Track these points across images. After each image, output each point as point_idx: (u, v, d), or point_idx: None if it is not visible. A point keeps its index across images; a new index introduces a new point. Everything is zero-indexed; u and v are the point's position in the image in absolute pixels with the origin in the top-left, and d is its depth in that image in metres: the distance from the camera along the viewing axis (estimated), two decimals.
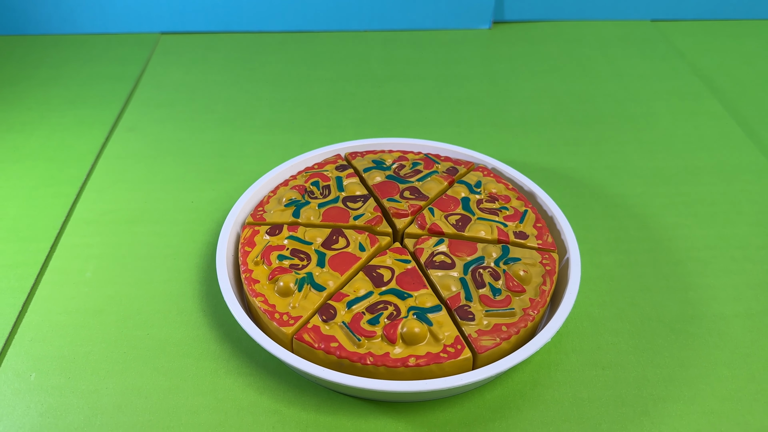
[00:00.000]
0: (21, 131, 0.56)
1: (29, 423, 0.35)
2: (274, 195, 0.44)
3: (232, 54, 0.68)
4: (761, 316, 0.40)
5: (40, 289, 0.42)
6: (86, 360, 0.38)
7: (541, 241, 0.41)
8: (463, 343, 0.34)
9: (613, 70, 0.66)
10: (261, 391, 0.36)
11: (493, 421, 0.34)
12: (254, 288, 0.37)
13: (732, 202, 0.49)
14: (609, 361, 0.37)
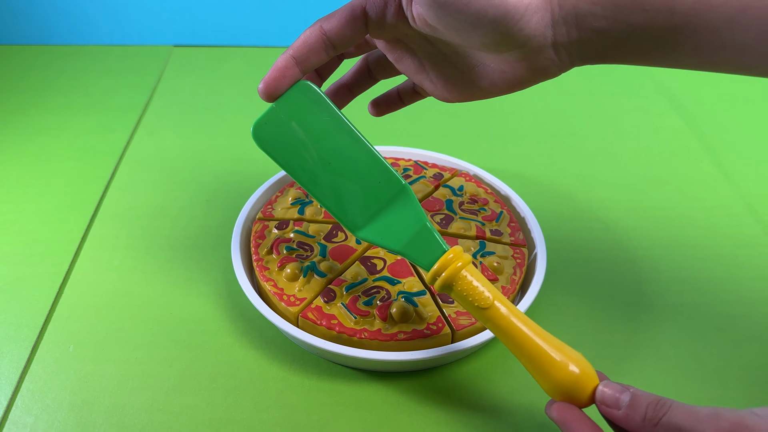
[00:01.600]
0: (48, 134, 0.62)
1: (69, 386, 0.40)
2: (282, 194, 0.50)
3: (241, 67, 0.74)
4: (705, 306, 0.46)
5: (74, 275, 0.48)
6: (117, 334, 0.43)
7: (514, 237, 0.47)
8: (443, 322, 0.40)
9: (587, 88, 0.72)
10: (270, 362, 0.42)
11: (469, 388, 0.40)
12: (265, 274, 0.43)
13: (685, 208, 0.55)
14: (570, 340, 0.43)
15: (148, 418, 0.38)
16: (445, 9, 0.30)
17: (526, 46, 0.32)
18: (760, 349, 0.43)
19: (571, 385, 0.31)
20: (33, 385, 0.40)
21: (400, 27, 0.34)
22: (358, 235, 0.37)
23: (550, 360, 0.32)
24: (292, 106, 0.35)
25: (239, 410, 0.39)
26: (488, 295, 0.33)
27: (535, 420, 0.39)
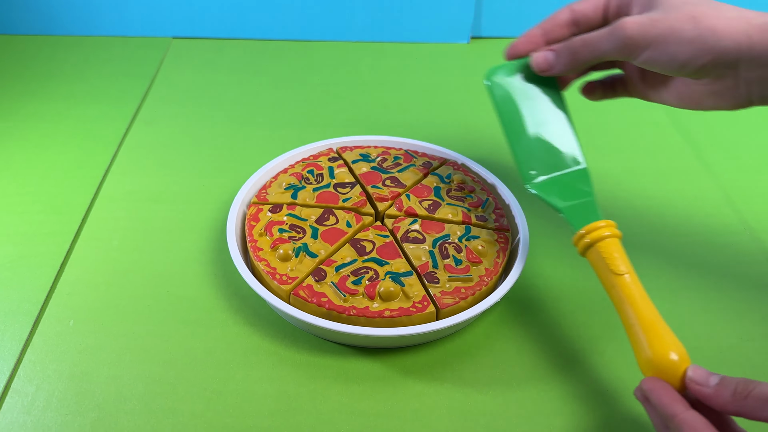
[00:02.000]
0: (51, 121, 0.64)
1: (70, 358, 0.42)
2: (276, 180, 0.52)
3: (238, 58, 0.76)
4: (680, 290, 0.48)
5: (74, 254, 0.49)
6: (116, 310, 0.45)
7: (498, 223, 0.49)
8: (429, 301, 0.42)
9: (575, 83, 0.74)
10: (263, 337, 0.44)
11: (452, 364, 0.42)
12: (259, 254, 0.45)
13: (666, 197, 0.57)
14: (550, 321, 0.45)
15: (144, 388, 0.40)
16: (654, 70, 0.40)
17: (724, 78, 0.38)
18: (733, 332, 0.45)
19: (668, 363, 0.34)
20: (35, 357, 0.42)
21: None
22: (528, 185, 0.43)
23: (658, 336, 0.35)
24: (523, 69, 0.45)
25: (233, 382, 0.41)
26: (623, 267, 0.38)
27: (514, 393, 0.41)
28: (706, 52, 0.36)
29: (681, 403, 0.32)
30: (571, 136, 0.44)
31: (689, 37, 0.36)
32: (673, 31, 0.37)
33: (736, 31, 0.36)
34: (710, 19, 0.36)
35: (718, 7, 0.37)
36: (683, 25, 0.36)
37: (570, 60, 0.41)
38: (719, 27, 0.36)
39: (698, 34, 0.36)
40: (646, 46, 0.38)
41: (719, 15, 0.36)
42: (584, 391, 0.41)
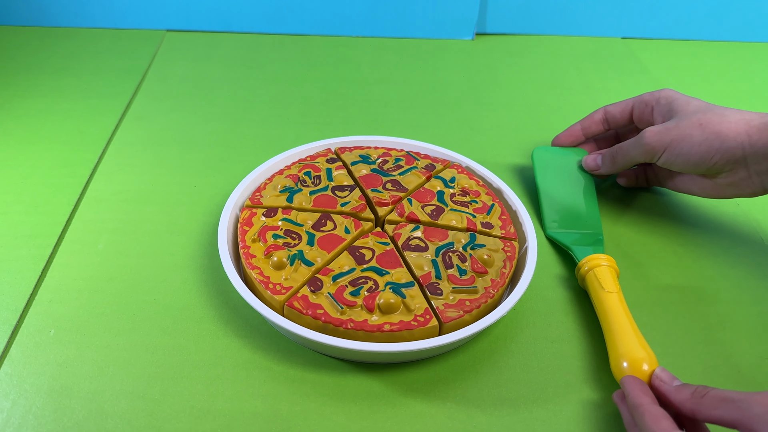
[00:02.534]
0: (37, 117, 0.61)
1: (49, 371, 0.39)
2: (271, 182, 0.49)
3: (233, 53, 0.73)
4: (694, 304, 0.46)
5: (57, 258, 0.47)
6: (99, 320, 0.43)
7: (504, 231, 0.46)
8: (431, 314, 0.40)
9: (583, 82, 0.72)
10: (254, 351, 0.41)
11: (455, 381, 0.40)
12: (251, 262, 0.43)
13: (676, 206, 0.55)
14: (557, 336, 0.43)
15: (128, 405, 0.38)
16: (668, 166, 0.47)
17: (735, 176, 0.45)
18: (752, 350, 0.43)
19: (638, 365, 0.38)
20: (11, 369, 0.39)
21: None
22: (548, 231, 0.51)
23: (631, 342, 0.39)
24: (564, 152, 0.56)
25: (221, 399, 0.38)
26: (613, 287, 0.43)
27: (520, 414, 0.38)
28: (715, 153, 0.43)
29: (650, 397, 0.35)
30: (595, 209, 0.52)
31: (697, 141, 0.44)
32: (683, 137, 0.44)
33: (737, 132, 0.43)
34: (715, 125, 0.43)
35: (722, 113, 0.44)
36: (692, 131, 0.44)
37: (611, 163, 0.51)
38: (723, 130, 0.43)
39: (705, 138, 0.43)
40: (663, 150, 0.46)
41: (722, 120, 0.43)
42: (597, 413, 0.39)
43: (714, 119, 0.44)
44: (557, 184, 0.53)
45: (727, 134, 0.43)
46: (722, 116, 0.44)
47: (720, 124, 0.43)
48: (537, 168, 0.54)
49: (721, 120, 0.43)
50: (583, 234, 0.50)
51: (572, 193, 0.53)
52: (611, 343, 0.40)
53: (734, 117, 0.43)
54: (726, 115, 0.44)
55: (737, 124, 0.43)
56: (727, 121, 0.43)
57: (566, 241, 0.49)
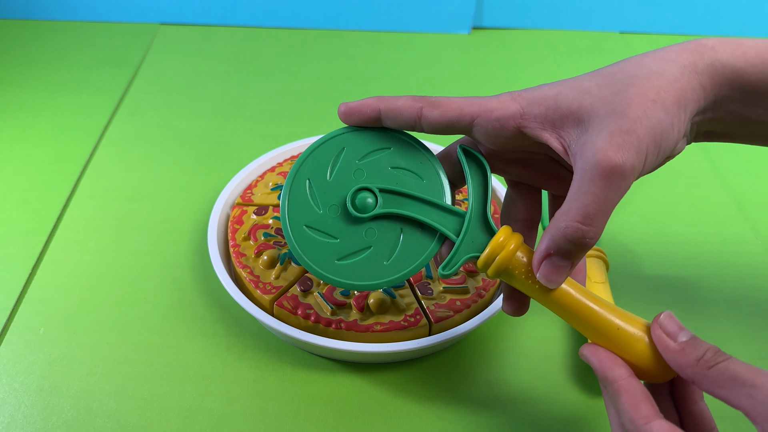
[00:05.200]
0: (28, 112, 0.61)
1: (39, 370, 0.39)
2: (262, 179, 0.49)
3: (227, 47, 0.73)
4: (687, 302, 0.46)
5: (47, 255, 0.47)
6: (89, 318, 0.42)
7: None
8: (421, 314, 0.40)
9: None
10: (244, 350, 0.41)
11: (445, 381, 0.40)
12: (241, 261, 0.42)
13: (674, 203, 0.54)
14: (548, 336, 0.43)
15: (116, 404, 0.38)
16: None
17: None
18: (745, 350, 0.42)
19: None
20: (1, 368, 0.39)
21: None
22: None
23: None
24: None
25: (210, 399, 0.38)
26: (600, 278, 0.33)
27: (511, 414, 0.38)
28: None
29: (623, 368, 0.28)
30: None
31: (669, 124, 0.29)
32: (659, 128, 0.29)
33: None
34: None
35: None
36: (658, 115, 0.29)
37: None
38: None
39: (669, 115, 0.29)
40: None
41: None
42: (587, 412, 0.38)
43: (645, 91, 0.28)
44: None
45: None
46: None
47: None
48: None
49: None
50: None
51: None
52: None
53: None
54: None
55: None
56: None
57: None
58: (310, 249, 0.31)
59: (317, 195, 0.32)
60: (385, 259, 0.32)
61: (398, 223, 0.32)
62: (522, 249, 0.30)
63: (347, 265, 0.31)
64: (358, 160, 0.32)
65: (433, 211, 0.32)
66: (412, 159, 0.32)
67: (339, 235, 0.32)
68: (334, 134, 0.33)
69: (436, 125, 0.31)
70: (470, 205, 0.31)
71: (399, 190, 0.32)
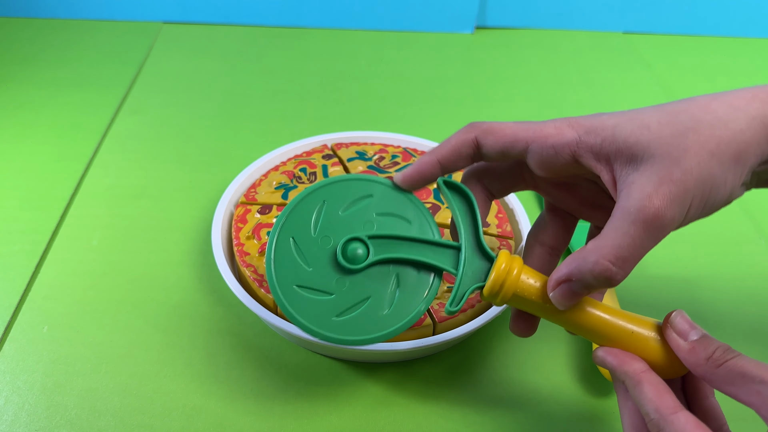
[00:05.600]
0: (31, 109, 0.61)
1: (42, 368, 0.39)
2: (266, 178, 0.49)
3: (230, 45, 0.73)
4: (690, 304, 0.45)
5: (51, 253, 0.47)
6: (93, 316, 0.42)
7: (501, 229, 0.46)
8: (425, 314, 0.40)
9: (584, 77, 0.71)
10: (248, 349, 0.41)
11: (450, 381, 0.40)
12: (245, 259, 0.42)
13: None
14: (553, 335, 0.43)
15: (120, 402, 0.38)
16: None
17: None
18: (745, 349, 0.42)
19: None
20: (5, 366, 0.39)
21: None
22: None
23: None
24: None
25: (214, 398, 0.38)
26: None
27: (515, 415, 0.38)
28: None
29: (641, 362, 0.29)
30: None
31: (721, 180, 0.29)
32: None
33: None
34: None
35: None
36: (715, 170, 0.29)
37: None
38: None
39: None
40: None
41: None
42: (592, 413, 0.38)
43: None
44: None
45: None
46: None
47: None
48: None
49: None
50: (582, 227, 0.41)
51: None
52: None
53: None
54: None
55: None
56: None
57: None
58: (304, 309, 0.30)
59: (304, 252, 0.31)
60: (386, 308, 0.31)
61: (393, 269, 0.31)
62: (525, 271, 0.30)
63: (346, 320, 0.30)
64: (341, 212, 0.32)
65: (428, 249, 0.31)
66: (397, 204, 0.32)
67: (334, 290, 0.31)
68: (310, 189, 0.32)
69: (493, 154, 0.31)
70: (462, 236, 0.31)
71: (389, 234, 0.31)
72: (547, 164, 0.30)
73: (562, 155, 0.29)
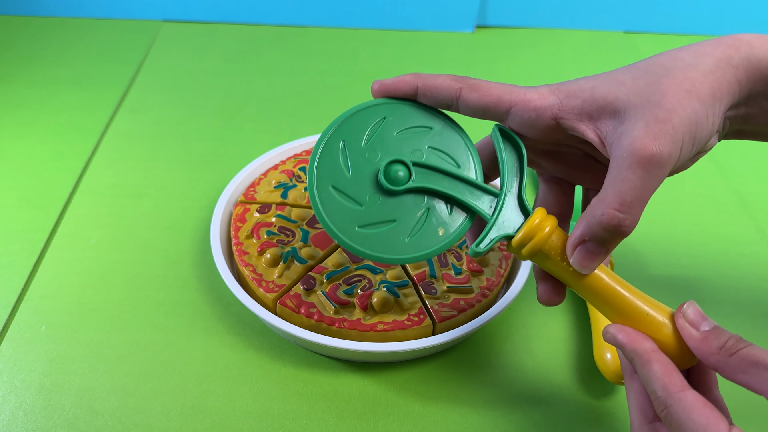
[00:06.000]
0: (31, 108, 0.60)
1: (39, 368, 0.39)
2: (265, 177, 0.49)
3: (230, 44, 0.72)
4: None
5: (49, 252, 0.46)
6: (91, 316, 0.42)
7: None
8: (425, 313, 0.39)
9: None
10: (246, 349, 0.41)
11: (449, 381, 0.40)
12: (244, 259, 0.42)
13: (678, 203, 0.54)
14: (553, 335, 0.43)
15: (118, 402, 0.38)
16: None
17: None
18: None
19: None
20: (2, 366, 0.39)
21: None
22: None
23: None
24: None
25: (212, 397, 0.38)
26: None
27: (515, 415, 0.38)
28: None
29: (652, 342, 0.29)
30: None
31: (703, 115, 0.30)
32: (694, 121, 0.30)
33: None
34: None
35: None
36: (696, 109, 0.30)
37: None
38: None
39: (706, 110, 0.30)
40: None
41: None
42: (592, 413, 0.38)
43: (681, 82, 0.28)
44: None
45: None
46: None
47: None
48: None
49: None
50: None
51: None
52: (596, 334, 0.39)
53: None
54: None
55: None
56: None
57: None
58: (332, 210, 0.31)
59: (349, 158, 0.31)
60: (407, 236, 0.31)
61: (427, 201, 0.31)
62: (557, 232, 0.30)
63: (367, 234, 0.31)
64: (397, 132, 0.32)
65: (467, 190, 0.31)
66: (452, 144, 0.33)
67: (365, 202, 0.31)
68: (378, 102, 0.32)
69: (473, 108, 0.31)
70: (504, 184, 0.31)
71: (433, 165, 0.31)
72: (528, 127, 0.31)
73: (544, 118, 0.30)
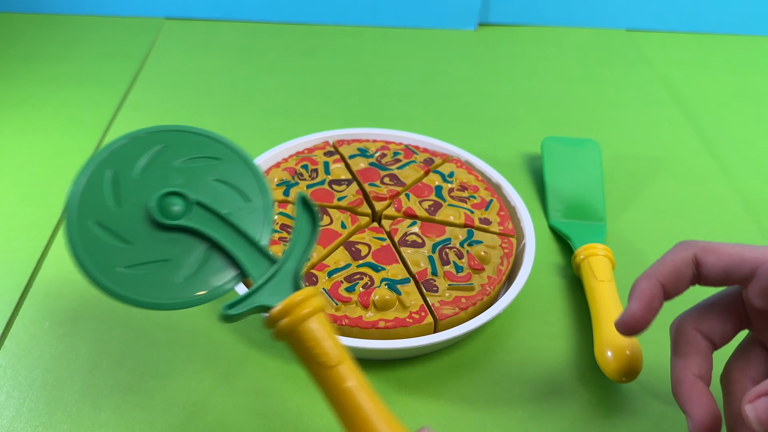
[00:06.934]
0: (33, 105, 0.61)
1: (43, 364, 0.39)
2: (267, 175, 0.49)
3: (232, 42, 0.73)
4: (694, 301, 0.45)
5: (52, 250, 0.46)
6: (94, 313, 0.42)
7: (503, 227, 0.46)
8: (426, 311, 0.39)
9: (586, 75, 0.71)
10: (249, 345, 0.41)
11: (450, 379, 0.40)
12: None
13: (679, 201, 0.54)
14: (554, 333, 0.43)
15: (121, 398, 0.38)
16: None
17: None
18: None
19: (623, 346, 0.37)
20: (5, 362, 0.39)
21: None
22: (551, 222, 0.50)
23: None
24: (574, 143, 0.57)
25: (215, 394, 0.38)
26: (606, 275, 0.40)
27: (516, 413, 0.38)
28: None
29: None
30: (601, 201, 0.51)
31: None
32: None
33: None
34: None
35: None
36: None
37: None
38: None
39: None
40: None
41: None
42: (594, 411, 0.38)
43: None
44: (564, 175, 0.53)
45: None
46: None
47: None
48: (545, 158, 0.54)
49: None
50: (585, 224, 0.49)
51: (579, 183, 0.52)
52: (597, 331, 0.40)
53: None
54: None
55: None
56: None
57: (567, 231, 0.48)
58: (90, 249, 0.27)
59: (121, 190, 0.28)
60: (179, 278, 0.28)
61: (207, 244, 0.28)
62: (321, 318, 0.28)
63: (132, 275, 0.27)
64: (180, 162, 0.29)
65: (245, 246, 0.29)
66: (242, 178, 0.30)
67: (134, 239, 0.27)
68: (159, 129, 0.29)
69: (713, 274, 0.27)
70: (287, 255, 0.29)
71: (217, 211, 0.28)
72: None
73: None
